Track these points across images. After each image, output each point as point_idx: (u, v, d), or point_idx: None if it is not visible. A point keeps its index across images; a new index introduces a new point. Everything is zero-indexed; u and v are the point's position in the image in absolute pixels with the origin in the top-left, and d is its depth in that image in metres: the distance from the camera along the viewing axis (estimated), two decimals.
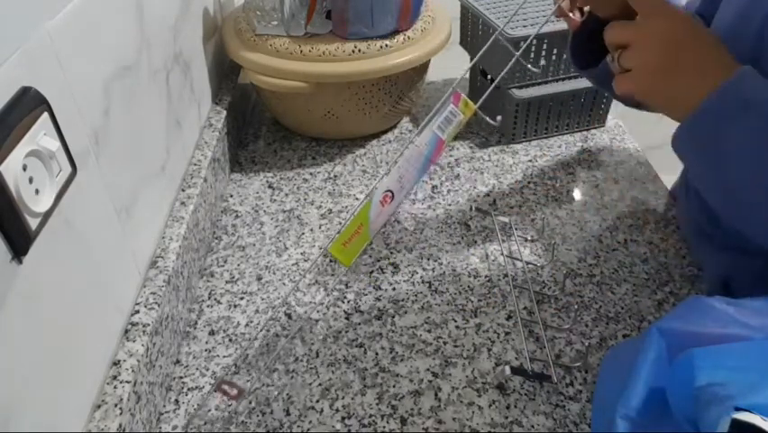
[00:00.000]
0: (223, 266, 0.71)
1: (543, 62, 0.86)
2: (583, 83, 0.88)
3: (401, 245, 0.74)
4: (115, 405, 0.47)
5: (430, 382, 0.58)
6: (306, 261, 0.72)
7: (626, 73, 0.49)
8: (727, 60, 0.47)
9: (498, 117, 0.59)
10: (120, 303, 0.53)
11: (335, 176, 0.86)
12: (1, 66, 0.36)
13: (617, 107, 0.95)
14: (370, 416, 0.55)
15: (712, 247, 0.65)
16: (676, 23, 0.48)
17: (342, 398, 0.57)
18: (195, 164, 0.74)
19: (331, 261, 0.72)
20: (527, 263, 0.71)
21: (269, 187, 0.84)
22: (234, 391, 0.54)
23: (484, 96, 0.55)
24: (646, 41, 0.48)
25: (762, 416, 0.33)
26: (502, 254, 0.72)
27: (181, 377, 0.59)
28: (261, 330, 0.63)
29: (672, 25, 0.48)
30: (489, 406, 0.56)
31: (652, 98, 0.50)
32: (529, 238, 0.74)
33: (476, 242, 0.74)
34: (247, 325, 0.64)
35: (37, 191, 0.38)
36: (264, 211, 0.80)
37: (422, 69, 0.89)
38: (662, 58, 0.48)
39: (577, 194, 0.82)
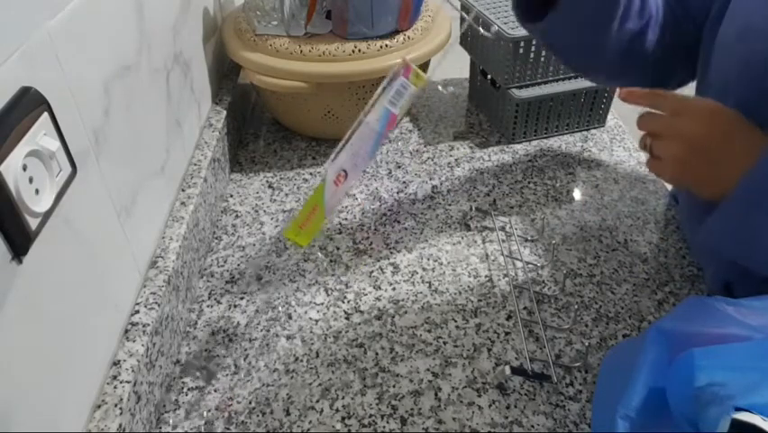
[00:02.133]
0: (223, 266, 0.71)
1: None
2: (583, 83, 0.88)
3: (401, 245, 0.74)
4: (115, 405, 0.47)
5: (430, 382, 0.58)
6: (305, 261, 0.72)
7: (658, 159, 0.54)
8: (755, 143, 0.49)
9: (450, 88, 0.59)
10: (120, 303, 0.53)
11: None
12: (1, 66, 0.36)
13: (616, 107, 0.95)
14: (370, 416, 0.55)
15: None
16: (702, 123, 0.52)
17: (342, 398, 0.57)
18: (195, 164, 0.74)
19: (331, 261, 0.72)
20: (527, 263, 0.71)
21: (269, 187, 0.84)
22: (204, 373, 0.54)
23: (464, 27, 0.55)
24: (675, 138, 0.52)
25: (762, 416, 0.33)
26: (502, 254, 0.72)
27: (181, 377, 0.59)
28: (262, 330, 0.63)
29: (699, 126, 0.52)
30: (489, 406, 0.56)
31: (681, 185, 0.57)
32: (529, 238, 0.74)
33: (476, 242, 0.74)
34: (247, 325, 0.64)
35: (37, 191, 0.38)
36: (264, 211, 0.80)
37: (422, 69, 0.89)
38: (689, 155, 0.52)
39: (577, 194, 0.82)
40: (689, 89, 0.68)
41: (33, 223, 0.38)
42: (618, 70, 0.69)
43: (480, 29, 0.66)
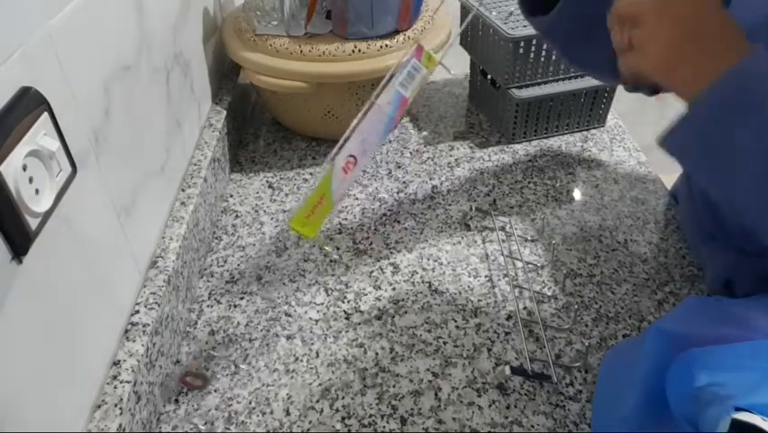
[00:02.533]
0: (223, 266, 0.71)
1: (542, 60, 0.86)
2: (583, 83, 0.88)
3: (401, 245, 0.74)
4: (115, 405, 0.47)
5: (430, 382, 0.58)
6: (305, 261, 0.72)
7: (634, 49, 0.46)
8: (739, 40, 0.44)
9: (452, 71, 0.57)
10: (120, 303, 0.53)
11: None
12: (1, 66, 0.36)
13: (616, 107, 0.95)
14: (370, 416, 0.55)
15: (715, 247, 0.65)
16: (697, 5, 0.45)
17: (342, 398, 0.57)
18: (195, 164, 0.74)
19: (331, 261, 0.72)
20: (527, 263, 0.71)
21: (269, 187, 0.84)
22: (198, 382, 0.53)
23: (464, 26, 0.52)
24: (662, 17, 0.45)
25: (762, 416, 0.33)
26: (502, 254, 0.72)
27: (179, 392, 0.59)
28: (262, 330, 0.63)
29: (692, 7, 0.45)
30: (489, 406, 0.56)
31: (662, 75, 0.46)
32: (529, 238, 0.74)
33: (476, 242, 0.74)
34: (247, 325, 0.64)
35: (37, 191, 0.38)
36: (264, 211, 0.80)
37: None
38: (677, 32, 0.44)
39: (577, 194, 0.82)
40: None
41: (33, 223, 0.38)
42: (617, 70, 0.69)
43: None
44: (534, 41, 0.83)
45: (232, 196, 0.83)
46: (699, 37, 0.44)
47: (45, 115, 0.39)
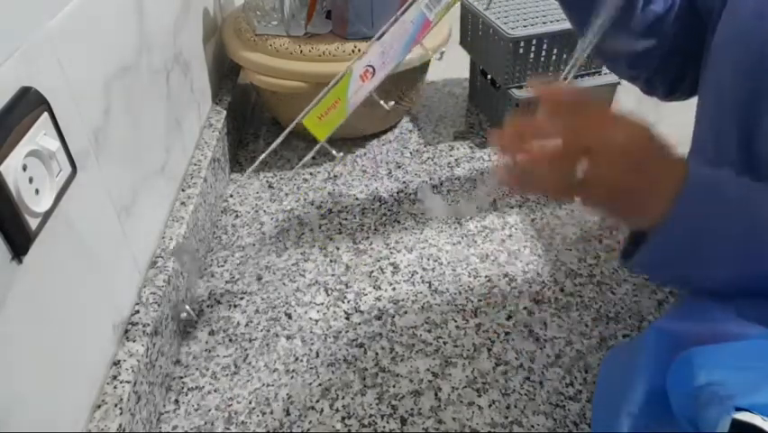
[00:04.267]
0: (223, 266, 0.71)
1: (542, 59, 0.86)
2: (583, 83, 0.88)
3: (401, 245, 0.74)
4: (115, 405, 0.47)
5: (430, 382, 0.58)
6: (306, 261, 0.72)
7: (584, 185, 0.43)
8: (679, 171, 0.44)
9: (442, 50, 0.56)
10: (120, 303, 0.53)
11: (335, 176, 0.86)
12: (1, 66, 0.36)
13: (616, 108, 0.95)
14: (370, 416, 0.55)
15: None
16: (635, 136, 0.44)
17: (343, 398, 0.57)
18: (195, 164, 0.74)
19: (331, 261, 0.72)
20: (527, 264, 0.71)
21: (270, 187, 0.84)
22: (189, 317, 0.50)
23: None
24: (608, 155, 0.43)
25: (762, 416, 0.33)
26: (502, 254, 0.72)
27: (181, 377, 0.59)
28: (262, 330, 0.63)
29: (632, 141, 0.44)
30: (489, 406, 0.56)
31: (608, 211, 0.46)
32: (529, 238, 0.74)
33: (476, 242, 0.74)
34: (247, 325, 0.64)
35: (37, 191, 0.38)
36: (264, 211, 0.80)
37: (422, 68, 0.89)
38: (621, 176, 0.43)
39: None
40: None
41: (33, 223, 0.38)
42: (636, 54, 0.66)
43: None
44: (533, 41, 0.83)
45: (232, 196, 0.82)
46: (641, 179, 0.43)
47: (45, 115, 0.39)
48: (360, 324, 0.64)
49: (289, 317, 0.65)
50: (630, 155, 0.44)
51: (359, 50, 0.79)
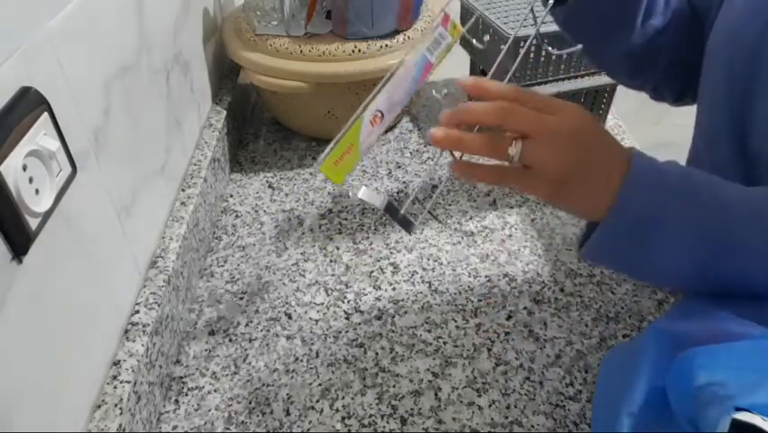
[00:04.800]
0: (223, 266, 0.71)
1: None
2: (583, 83, 0.88)
3: (401, 245, 0.74)
4: (115, 405, 0.47)
5: (430, 382, 0.58)
6: (306, 261, 0.72)
7: (528, 171, 0.44)
8: (624, 158, 0.44)
9: (444, 91, 0.58)
10: (120, 303, 0.53)
11: None
12: (1, 66, 0.36)
13: (617, 107, 0.95)
14: (370, 416, 0.55)
15: None
16: (581, 122, 0.44)
17: (343, 398, 0.57)
18: (195, 164, 0.74)
19: (331, 260, 0.72)
20: (527, 264, 0.71)
21: (269, 187, 0.84)
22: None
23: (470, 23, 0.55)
24: (551, 139, 0.43)
25: (762, 416, 0.33)
26: (502, 254, 0.72)
27: (181, 377, 0.59)
28: (262, 330, 0.63)
29: (577, 125, 0.44)
30: (489, 406, 0.56)
31: (554, 200, 0.45)
32: (529, 238, 0.74)
33: (476, 242, 0.74)
34: (247, 325, 0.64)
35: (37, 191, 0.38)
36: (264, 211, 0.80)
37: None
38: (573, 161, 0.43)
39: None
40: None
41: (33, 223, 0.38)
42: (637, 67, 0.67)
43: (474, 41, 0.65)
44: (534, 41, 0.83)
45: (232, 196, 0.83)
46: (585, 166, 0.43)
47: (45, 115, 0.39)
48: (360, 324, 0.64)
49: (289, 317, 0.65)
50: (574, 140, 0.43)
51: (359, 51, 0.79)
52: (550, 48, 0.65)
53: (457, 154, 0.49)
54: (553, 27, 0.83)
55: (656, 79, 0.68)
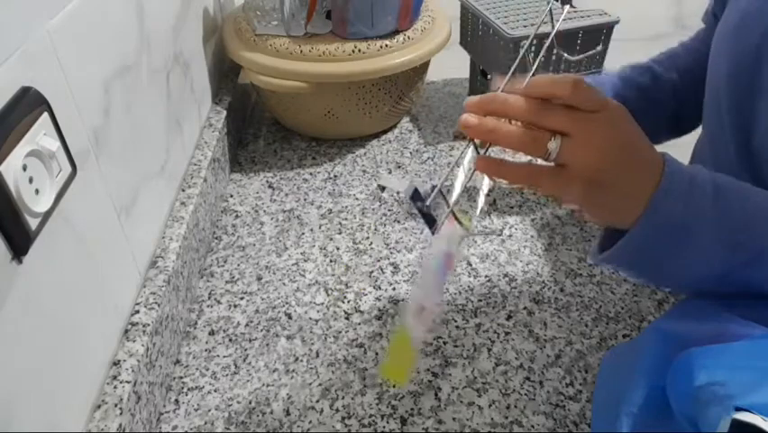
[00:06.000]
0: (223, 266, 0.71)
1: (542, 58, 0.86)
2: None
3: (401, 245, 0.74)
4: (115, 405, 0.47)
5: (430, 382, 0.58)
6: (306, 261, 0.72)
7: (562, 170, 0.41)
8: (656, 162, 0.42)
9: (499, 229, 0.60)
10: (120, 303, 0.53)
11: (335, 176, 0.86)
12: (1, 66, 0.36)
13: None
14: (370, 416, 0.55)
15: None
16: (622, 122, 0.42)
17: (342, 398, 0.57)
18: (195, 164, 0.74)
19: (331, 260, 0.72)
20: (527, 263, 0.71)
21: (269, 187, 0.84)
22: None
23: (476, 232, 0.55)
24: (589, 139, 0.40)
25: (762, 416, 0.33)
26: (502, 254, 0.72)
27: (181, 377, 0.59)
28: (262, 330, 0.63)
29: (619, 125, 0.42)
30: (489, 406, 0.56)
31: (585, 206, 0.43)
32: (529, 238, 0.74)
33: (476, 242, 0.74)
34: (247, 325, 0.64)
35: (37, 191, 0.38)
36: (264, 211, 0.80)
37: (422, 69, 0.89)
38: (602, 162, 0.41)
39: None
40: None
41: (33, 223, 0.38)
42: (677, 128, 0.71)
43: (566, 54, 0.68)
44: (534, 41, 0.83)
45: (232, 196, 0.83)
46: (622, 168, 0.42)
47: (45, 115, 0.39)
48: (360, 324, 0.64)
49: (289, 317, 0.65)
50: (613, 141, 0.41)
51: (359, 50, 0.79)
52: (566, 54, 0.65)
53: (477, 150, 0.46)
54: (564, 26, 0.83)
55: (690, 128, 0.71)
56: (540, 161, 0.42)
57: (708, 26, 0.71)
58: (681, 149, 0.79)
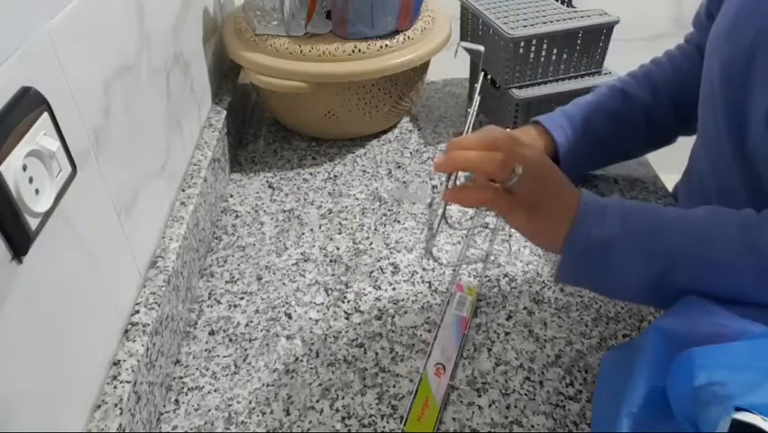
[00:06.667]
0: (223, 266, 0.71)
1: (542, 60, 0.86)
2: (583, 83, 0.88)
3: (401, 245, 0.74)
4: (115, 405, 0.47)
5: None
6: (305, 261, 0.72)
7: (512, 195, 0.50)
8: (574, 196, 0.50)
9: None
10: (120, 303, 0.53)
11: (335, 176, 0.86)
12: (1, 66, 0.36)
13: None
14: (370, 416, 0.55)
15: None
16: (545, 158, 0.51)
17: (342, 398, 0.57)
18: (195, 164, 0.74)
19: (331, 260, 0.72)
20: (527, 263, 0.71)
21: (269, 187, 0.84)
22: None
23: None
24: (531, 168, 0.49)
25: (762, 416, 0.33)
26: (502, 254, 0.72)
27: (181, 377, 0.59)
28: (262, 330, 0.64)
29: (546, 160, 0.51)
30: (489, 406, 0.56)
31: (526, 231, 0.52)
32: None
33: (476, 242, 0.74)
34: (247, 325, 0.64)
35: (37, 191, 0.38)
36: (264, 211, 0.80)
37: (422, 69, 0.89)
38: (542, 189, 0.50)
39: None
40: None
41: (33, 223, 0.38)
42: (651, 146, 0.78)
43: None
44: (534, 41, 0.83)
45: (232, 196, 0.83)
46: (556, 187, 0.51)
47: (45, 115, 0.40)
48: (360, 324, 0.64)
49: (289, 317, 0.65)
50: (546, 173, 0.50)
51: (359, 50, 0.79)
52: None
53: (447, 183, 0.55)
54: (553, 28, 0.83)
55: (685, 126, 0.74)
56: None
57: (698, 31, 0.72)
58: (678, 149, 0.79)
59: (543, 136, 0.73)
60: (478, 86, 0.65)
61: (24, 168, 0.37)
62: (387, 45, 0.81)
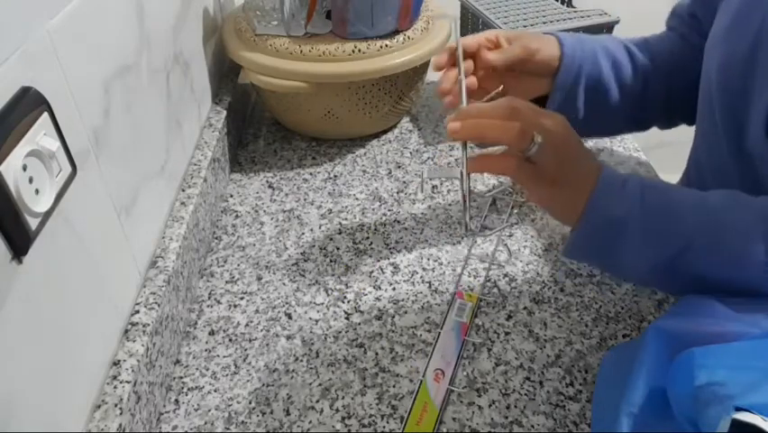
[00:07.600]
0: (223, 266, 0.71)
1: None
2: None
3: (401, 245, 0.74)
4: (115, 405, 0.47)
5: None
6: (305, 261, 0.72)
7: (534, 165, 0.49)
8: (595, 167, 0.50)
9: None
10: (120, 303, 0.53)
11: (335, 176, 0.86)
12: (1, 66, 0.36)
13: None
14: (370, 416, 0.55)
15: None
16: (568, 129, 0.50)
17: (343, 398, 0.57)
18: (195, 164, 0.74)
19: (331, 260, 0.72)
20: (527, 264, 0.71)
21: (269, 187, 0.84)
22: None
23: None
24: (551, 139, 0.48)
25: (762, 416, 0.33)
26: (502, 254, 0.72)
27: (181, 377, 0.59)
28: (262, 330, 0.64)
29: (568, 131, 0.50)
30: (489, 406, 0.56)
31: (545, 204, 0.52)
32: (529, 238, 0.74)
33: (476, 242, 0.74)
34: (247, 325, 0.64)
35: (37, 191, 0.38)
36: (264, 211, 0.80)
37: (422, 69, 0.89)
38: (562, 161, 0.49)
39: None
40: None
41: (33, 223, 0.38)
42: (639, 122, 0.74)
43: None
44: None
45: (232, 196, 0.83)
46: (576, 160, 0.50)
47: (45, 115, 0.39)
48: (360, 324, 0.64)
49: (289, 317, 0.65)
50: (566, 145, 0.49)
51: (359, 50, 0.79)
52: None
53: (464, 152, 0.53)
54: (553, 27, 0.83)
55: (666, 116, 0.72)
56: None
57: (681, 26, 0.70)
58: (678, 149, 0.79)
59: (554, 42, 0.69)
60: (459, 50, 0.62)
61: (24, 168, 0.37)
62: (387, 45, 0.81)
